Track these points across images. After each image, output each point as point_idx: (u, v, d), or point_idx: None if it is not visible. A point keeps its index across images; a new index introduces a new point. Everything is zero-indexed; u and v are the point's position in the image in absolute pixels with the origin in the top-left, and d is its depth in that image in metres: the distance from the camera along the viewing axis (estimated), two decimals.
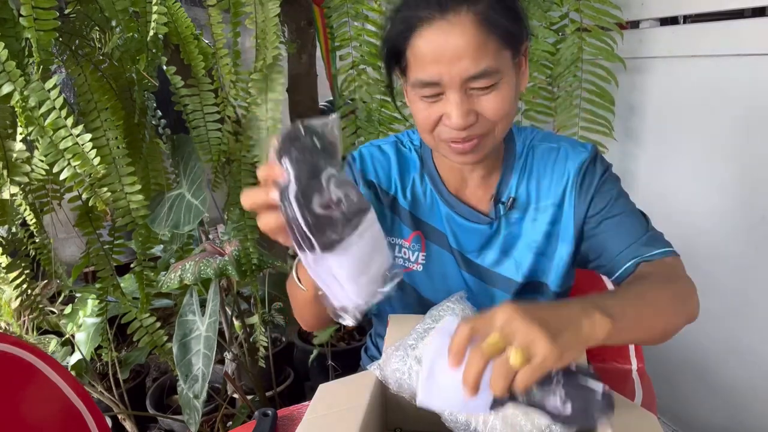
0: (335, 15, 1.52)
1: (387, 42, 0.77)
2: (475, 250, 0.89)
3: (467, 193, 0.89)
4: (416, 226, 0.91)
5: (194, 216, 1.27)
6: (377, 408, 0.70)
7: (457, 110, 0.71)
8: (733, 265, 1.44)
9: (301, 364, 1.97)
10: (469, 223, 0.88)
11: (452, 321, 0.60)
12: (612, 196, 0.84)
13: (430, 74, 0.71)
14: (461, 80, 0.70)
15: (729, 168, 1.43)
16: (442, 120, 0.74)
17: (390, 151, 0.93)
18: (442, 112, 0.74)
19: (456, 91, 0.71)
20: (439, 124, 0.75)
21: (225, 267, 1.35)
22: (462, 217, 0.88)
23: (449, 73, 0.70)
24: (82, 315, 1.68)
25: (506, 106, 0.74)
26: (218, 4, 1.27)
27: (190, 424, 1.31)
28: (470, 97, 0.72)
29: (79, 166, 1.10)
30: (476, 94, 0.72)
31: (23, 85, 1.03)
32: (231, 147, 1.40)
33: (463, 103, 0.72)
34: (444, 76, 0.70)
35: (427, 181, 0.90)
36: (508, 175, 0.87)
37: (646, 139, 1.65)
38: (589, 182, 0.84)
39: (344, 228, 0.53)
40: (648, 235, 0.81)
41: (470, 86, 0.71)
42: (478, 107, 0.73)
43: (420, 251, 0.91)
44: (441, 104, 0.74)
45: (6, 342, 0.91)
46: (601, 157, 0.88)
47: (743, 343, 1.46)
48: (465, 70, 0.70)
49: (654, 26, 1.56)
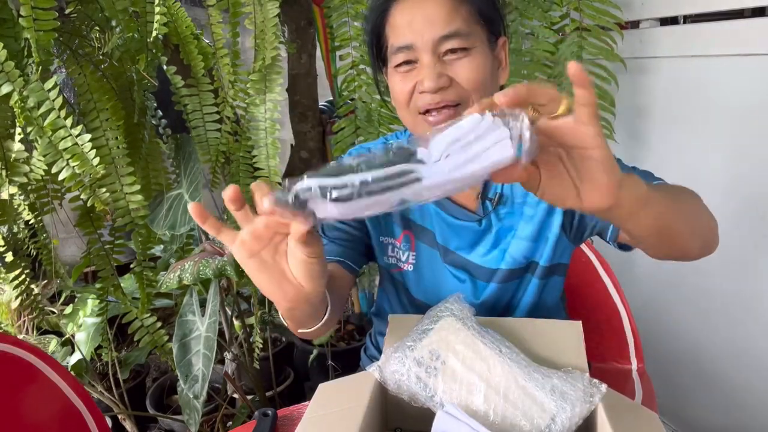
0: (335, 15, 1.52)
1: (367, 22, 0.82)
2: (466, 247, 0.89)
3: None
4: (406, 226, 0.91)
5: (190, 217, 1.27)
6: (377, 408, 0.70)
7: (428, 70, 0.75)
8: (733, 265, 1.44)
9: (301, 364, 1.97)
10: (459, 222, 0.88)
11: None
12: None
13: (404, 39, 0.76)
14: (432, 42, 0.74)
15: (729, 168, 1.43)
16: (417, 88, 0.77)
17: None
18: (416, 80, 0.76)
19: (428, 53, 0.75)
20: (414, 93, 0.77)
21: (224, 267, 1.35)
22: (451, 215, 0.88)
23: (422, 36, 0.75)
24: (82, 315, 1.68)
25: (480, 75, 0.76)
26: (218, 4, 1.27)
27: (190, 424, 1.31)
28: (443, 63, 0.76)
29: (78, 166, 1.10)
30: (449, 60, 0.76)
31: (22, 85, 1.03)
32: (230, 147, 1.40)
33: (435, 66, 0.75)
34: (417, 39, 0.75)
35: None
36: None
37: (646, 139, 1.65)
38: None
39: None
40: (646, 173, 0.80)
41: (442, 50, 0.75)
42: (450, 72, 0.76)
43: (410, 251, 0.91)
44: (415, 73, 0.77)
45: (6, 342, 0.91)
46: None
47: (743, 342, 1.46)
48: (436, 31, 0.74)
49: (654, 26, 1.56)
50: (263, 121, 1.35)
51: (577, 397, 0.63)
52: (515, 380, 0.65)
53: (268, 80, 1.33)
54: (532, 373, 0.65)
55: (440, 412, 0.61)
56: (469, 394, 0.65)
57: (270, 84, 1.33)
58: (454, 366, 0.67)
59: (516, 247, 0.87)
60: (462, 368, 0.66)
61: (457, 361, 0.67)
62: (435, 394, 0.66)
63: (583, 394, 0.63)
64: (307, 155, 1.80)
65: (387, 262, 0.95)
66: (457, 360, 0.67)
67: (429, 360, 0.68)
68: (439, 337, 0.70)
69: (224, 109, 1.36)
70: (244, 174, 1.41)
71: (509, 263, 0.87)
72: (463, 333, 0.69)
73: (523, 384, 0.64)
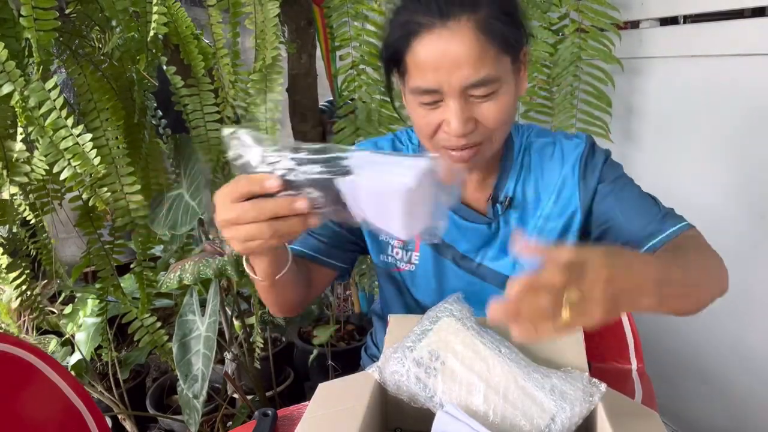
0: (335, 15, 1.52)
1: (386, 47, 0.76)
2: (473, 249, 0.89)
3: (465, 194, 0.89)
4: None
5: (191, 217, 1.27)
6: (377, 408, 0.70)
7: (456, 118, 0.71)
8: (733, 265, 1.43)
9: (301, 364, 1.97)
10: (468, 223, 0.88)
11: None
12: (618, 182, 0.83)
13: (429, 82, 0.71)
14: (461, 88, 0.70)
15: (729, 168, 1.43)
16: (442, 127, 0.74)
17: (387, 149, 0.93)
18: (442, 119, 0.73)
19: (456, 99, 0.71)
20: (439, 130, 0.75)
21: (224, 267, 1.35)
22: (460, 217, 0.88)
23: (449, 81, 0.70)
24: (82, 315, 1.68)
25: (505, 113, 0.74)
26: (218, 4, 1.27)
27: (190, 424, 1.30)
28: (470, 104, 0.72)
29: (79, 166, 1.10)
30: (475, 101, 0.72)
31: (23, 85, 1.03)
32: None
33: (462, 111, 0.71)
34: (443, 83, 0.70)
35: None
36: (506, 175, 0.87)
37: (646, 140, 1.65)
38: (591, 171, 0.84)
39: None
40: (663, 213, 0.81)
41: (470, 93, 0.71)
42: (477, 114, 0.73)
43: (413, 251, 0.91)
44: (440, 111, 0.73)
45: (6, 342, 0.91)
46: (597, 145, 0.88)
47: (744, 342, 1.46)
48: (465, 78, 0.69)
49: (654, 26, 1.56)
50: (264, 121, 1.35)
51: (577, 397, 0.63)
52: (515, 380, 0.65)
53: (269, 80, 1.33)
54: (532, 372, 0.65)
55: (440, 412, 0.61)
56: (468, 395, 0.65)
57: (270, 84, 1.33)
58: (454, 366, 0.67)
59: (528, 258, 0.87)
60: (461, 368, 0.66)
61: (456, 361, 0.67)
62: (435, 394, 0.66)
63: (582, 393, 0.63)
64: None
65: (384, 260, 0.94)
66: (456, 360, 0.67)
67: (428, 360, 0.68)
68: (438, 337, 0.70)
69: (225, 109, 1.36)
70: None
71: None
72: (462, 333, 0.69)
73: (523, 384, 0.64)
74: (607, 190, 0.83)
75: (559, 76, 1.54)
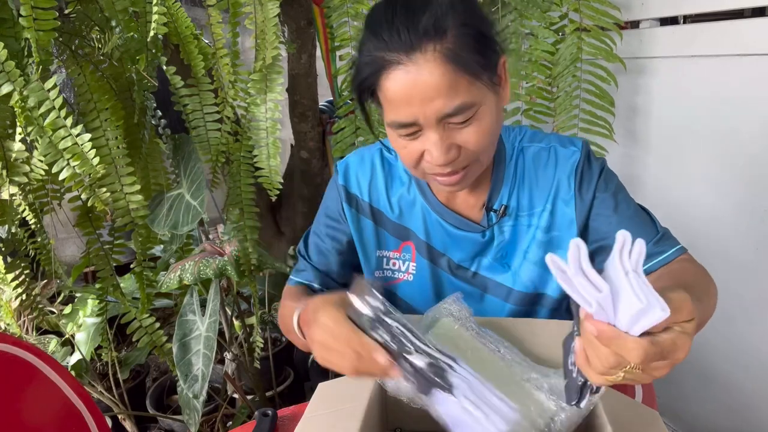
0: (335, 15, 1.52)
1: (356, 85, 0.73)
2: (468, 258, 0.88)
3: (458, 202, 0.87)
4: (405, 237, 0.90)
5: (192, 217, 1.27)
6: (377, 408, 0.70)
7: (437, 148, 0.69)
8: (734, 265, 1.44)
9: (301, 364, 1.96)
10: (461, 232, 0.86)
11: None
12: (613, 196, 0.82)
13: (404, 116, 0.69)
14: (437, 119, 0.68)
15: (729, 168, 1.43)
16: (424, 156, 0.72)
17: (375, 160, 0.91)
18: (423, 149, 0.72)
19: (434, 130, 0.69)
20: (422, 160, 0.73)
21: (224, 267, 1.35)
22: (453, 226, 0.86)
23: (423, 113, 0.68)
24: (82, 315, 1.68)
25: (487, 135, 0.71)
26: (218, 4, 1.27)
27: (190, 424, 1.31)
28: (449, 131, 0.70)
29: (78, 166, 1.10)
30: (455, 127, 0.70)
31: (23, 85, 1.03)
32: (230, 147, 1.40)
33: (443, 140, 0.69)
34: (419, 116, 0.68)
35: (416, 190, 0.88)
36: (499, 183, 0.85)
37: (647, 140, 1.65)
38: (587, 183, 0.82)
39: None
40: (659, 235, 0.80)
41: (448, 122, 0.69)
42: (458, 140, 0.70)
43: (410, 261, 0.90)
44: (421, 140, 0.71)
45: (6, 342, 0.91)
46: (593, 153, 0.86)
47: (744, 343, 1.46)
48: (439, 110, 0.67)
49: (654, 26, 1.56)
50: (264, 121, 1.35)
51: None
52: (514, 380, 0.65)
53: (269, 80, 1.33)
54: (531, 372, 0.65)
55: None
56: None
57: (270, 84, 1.33)
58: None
59: (521, 266, 0.86)
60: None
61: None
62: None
63: None
64: (307, 155, 1.81)
65: (380, 276, 0.93)
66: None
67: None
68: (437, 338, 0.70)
69: (224, 109, 1.36)
70: (244, 174, 1.41)
71: (521, 286, 0.86)
72: (461, 333, 0.69)
73: (522, 384, 0.64)
74: (604, 205, 0.82)
75: (559, 75, 1.53)
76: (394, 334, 0.58)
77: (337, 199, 0.91)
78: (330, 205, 0.92)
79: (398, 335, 0.58)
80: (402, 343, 0.58)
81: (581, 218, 0.82)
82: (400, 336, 0.58)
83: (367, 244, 0.91)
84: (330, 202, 0.92)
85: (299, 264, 0.95)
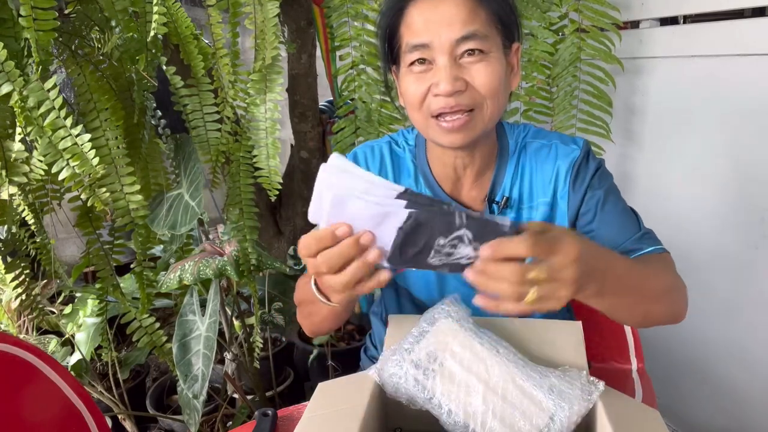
0: (335, 15, 1.52)
1: (382, 18, 0.79)
2: None
3: (462, 194, 0.89)
4: None
5: (191, 217, 1.27)
6: (377, 408, 0.70)
7: (445, 73, 0.73)
8: (732, 266, 1.44)
9: (301, 364, 1.96)
10: None
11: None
12: (604, 194, 0.84)
13: (420, 37, 0.74)
14: (450, 43, 0.73)
15: (729, 168, 1.43)
16: (431, 90, 0.75)
17: (384, 152, 0.93)
18: (431, 83, 0.75)
19: (445, 55, 0.73)
20: (428, 95, 0.76)
21: (224, 267, 1.35)
22: None
23: (439, 36, 0.73)
24: (82, 315, 1.68)
25: (495, 80, 0.75)
26: (218, 4, 1.27)
27: (190, 424, 1.30)
28: (459, 66, 0.74)
29: (78, 166, 1.10)
30: (465, 63, 0.74)
31: (22, 85, 1.03)
32: (230, 147, 1.40)
33: (451, 68, 0.73)
34: (434, 38, 0.73)
35: (422, 182, 0.90)
36: (501, 175, 0.87)
37: (646, 140, 1.65)
38: (582, 179, 0.85)
39: None
40: (641, 233, 0.82)
41: (459, 52, 0.74)
42: (467, 76, 0.74)
43: None
44: (430, 74, 0.75)
45: (6, 342, 0.91)
46: (592, 153, 0.88)
47: (743, 342, 1.46)
48: (454, 33, 0.72)
49: (654, 26, 1.56)
50: (263, 121, 1.35)
51: (576, 396, 0.63)
52: (513, 380, 0.65)
53: (268, 80, 1.33)
54: (530, 372, 0.65)
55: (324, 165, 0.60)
56: (467, 395, 0.65)
57: (270, 84, 1.33)
58: (452, 368, 0.67)
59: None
60: (460, 370, 0.66)
61: (454, 362, 0.67)
62: (433, 396, 0.66)
63: (581, 392, 0.63)
64: (307, 155, 1.81)
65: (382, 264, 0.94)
66: (454, 361, 0.67)
67: (426, 362, 0.68)
68: (436, 339, 0.70)
69: (224, 109, 1.36)
70: (244, 174, 1.41)
71: None
72: (460, 334, 0.69)
73: (521, 384, 0.64)
74: (593, 201, 0.84)
75: (558, 76, 1.54)
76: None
77: None
78: None
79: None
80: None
81: (572, 212, 0.85)
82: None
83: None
84: None
85: None
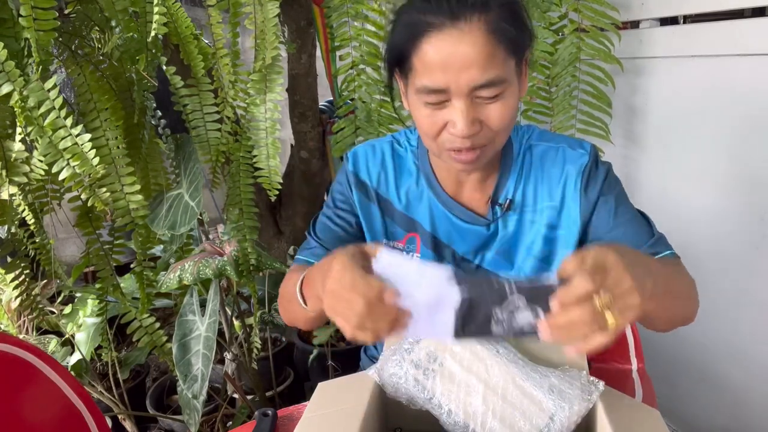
0: (335, 15, 1.52)
1: (392, 45, 0.75)
2: (471, 251, 0.89)
3: (464, 195, 0.88)
4: (411, 228, 0.91)
5: (191, 217, 1.27)
6: (377, 408, 0.70)
7: (463, 119, 0.71)
8: (733, 266, 1.44)
9: (301, 364, 1.96)
10: (466, 225, 0.87)
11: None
12: (615, 200, 0.84)
13: (437, 81, 0.70)
14: (469, 89, 0.70)
15: (729, 168, 1.43)
16: (447, 127, 0.74)
17: (386, 151, 0.92)
18: (447, 120, 0.73)
19: (462, 99, 0.71)
20: (443, 131, 0.74)
21: (224, 267, 1.35)
22: (459, 218, 0.88)
23: (457, 81, 0.69)
24: (82, 315, 1.68)
25: (510, 115, 0.74)
26: (218, 4, 1.27)
27: (190, 424, 1.30)
28: (476, 105, 0.72)
29: (78, 166, 1.10)
30: (481, 102, 0.72)
31: (22, 85, 1.03)
32: (230, 147, 1.40)
33: (469, 112, 0.71)
34: (451, 84, 0.70)
35: (423, 183, 0.90)
36: (506, 177, 0.87)
37: (646, 140, 1.65)
38: (593, 184, 0.84)
39: None
40: (654, 238, 0.82)
41: (476, 95, 0.71)
42: (482, 116, 0.72)
43: (414, 252, 0.91)
44: (446, 111, 0.73)
45: (6, 342, 0.91)
46: (600, 158, 0.88)
47: (744, 343, 1.46)
48: (473, 79, 0.69)
49: (654, 26, 1.56)
50: (263, 121, 1.35)
51: (575, 395, 0.63)
52: (513, 380, 0.65)
53: (268, 80, 1.33)
54: (530, 372, 0.65)
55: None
56: (467, 395, 0.65)
57: (270, 84, 1.33)
58: (452, 368, 0.67)
59: (524, 261, 0.87)
60: (460, 370, 0.66)
61: (454, 362, 0.67)
62: (433, 396, 0.66)
63: (581, 392, 0.63)
64: (307, 155, 1.81)
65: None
66: (454, 361, 0.67)
67: (426, 362, 0.68)
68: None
69: (224, 109, 1.36)
70: (244, 174, 1.41)
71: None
72: None
73: (521, 384, 0.64)
74: (606, 207, 0.84)
75: (558, 76, 1.53)
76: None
77: (346, 185, 0.92)
78: (339, 190, 0.94)
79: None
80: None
81: (584, 218, 0.84)
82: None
83: (373, 230, 0.92)
84: (339, 187, 0.94)
85: (307, 243, 0.95)
